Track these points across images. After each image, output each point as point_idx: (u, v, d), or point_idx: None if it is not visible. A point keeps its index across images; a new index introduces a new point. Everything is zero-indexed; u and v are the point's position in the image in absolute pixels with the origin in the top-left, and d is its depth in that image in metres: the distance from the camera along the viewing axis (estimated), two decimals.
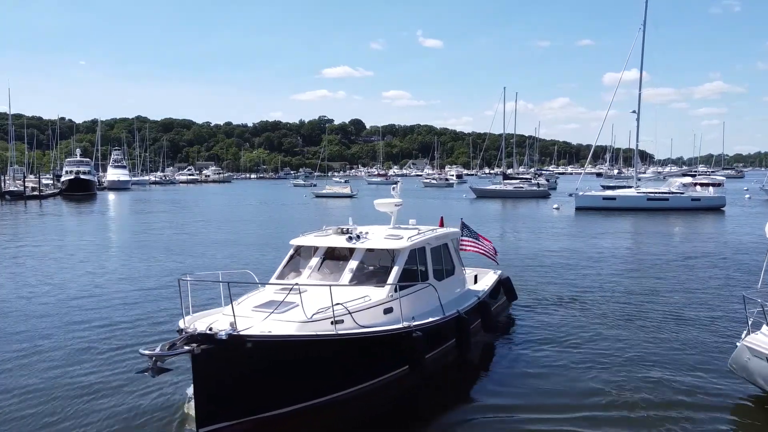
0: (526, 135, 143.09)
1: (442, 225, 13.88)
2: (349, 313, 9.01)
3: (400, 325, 9.37)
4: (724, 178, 77.41)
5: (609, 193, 53.80)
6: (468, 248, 14.60)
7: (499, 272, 15.05)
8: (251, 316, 8.66)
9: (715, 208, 49.05)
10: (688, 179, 54.92)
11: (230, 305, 8.10)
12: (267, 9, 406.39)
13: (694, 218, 42.81)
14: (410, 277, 10.77)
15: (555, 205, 52.42)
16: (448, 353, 11.06)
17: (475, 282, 14.18)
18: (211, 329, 7.65)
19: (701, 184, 54.38)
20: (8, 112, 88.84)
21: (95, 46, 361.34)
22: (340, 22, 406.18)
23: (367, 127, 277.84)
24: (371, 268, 10.87)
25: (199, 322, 8.51)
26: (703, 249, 26.21)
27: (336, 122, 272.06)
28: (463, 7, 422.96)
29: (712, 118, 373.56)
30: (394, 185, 13.56)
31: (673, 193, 50.25)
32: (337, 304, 8.93)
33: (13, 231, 35.82)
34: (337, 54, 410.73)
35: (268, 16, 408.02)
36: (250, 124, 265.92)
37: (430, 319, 10.16)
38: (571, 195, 52.84)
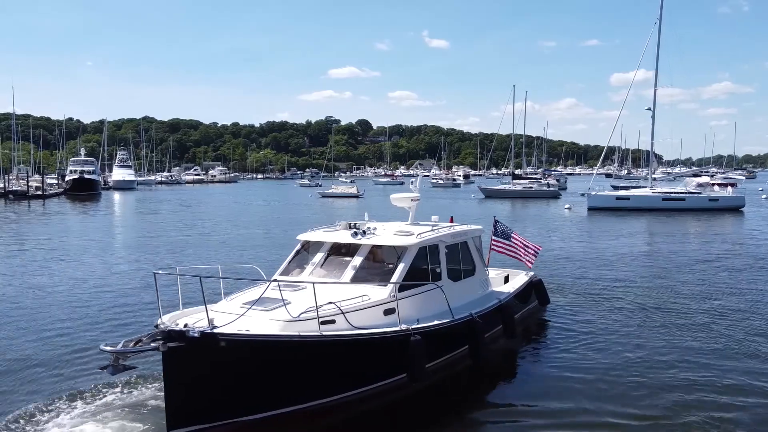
0: (534, 135, 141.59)
1: None
2: (342, 313, 8.26)
3: (395, 328, 8.50)
4: (743, 178, 75.83)
5: (623, 193, 52.53)
6: (499, 249, 13.60)
7: (530, 274, 14.03)
8: (239, 312, 7.96)
9: (733, 209, 47.64)
10: (705, 179, 53.49)
11: (204, 301, 7.39)
12: (273, 10, 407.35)
13: (713, 219, 41.41)
14: (420, 277, 9.88)
15: (567, 205, 51.38)
16: (459, 361, 9.98)
17: (505, 283, 13.22)
18: (186, 325, 7.04)
19: (719, 184, 52.82)
20: (12, 112, 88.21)
21: (102, 47, 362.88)
22: (346, 22, 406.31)
23: (374, 127, 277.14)
24: (376, 265, 10.08)
25: (183, 319, 7.95)
26: (738, 251, 24.87)
27: (343, 123, 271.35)
28: (469, 7, 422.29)
29: (721, 119, 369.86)
30: (414, 179, 12.53)
31: (690, 193, 48.89)
32: (330, 303, 8.25)
33: (10, 230, 34.97)
34: (343, 54, 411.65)
35: (274, 17, 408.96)
36: (257, 125, 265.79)
37: (435, 323, 9.23)
38: (583, 195, 51.79)
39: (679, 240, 29.73)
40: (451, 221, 13.12)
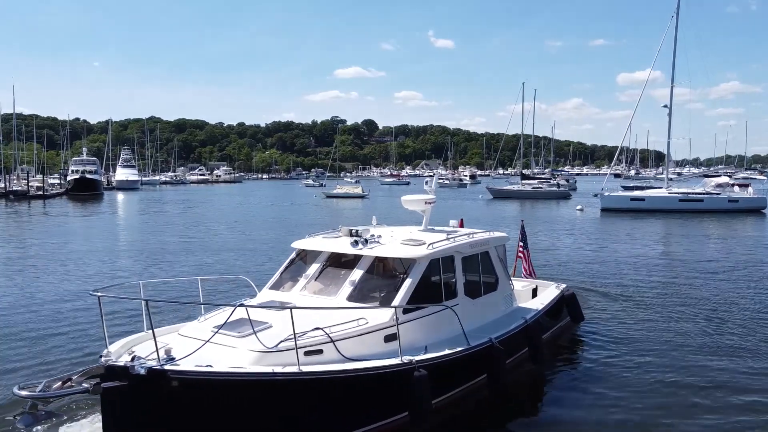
0: (541, 135, 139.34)
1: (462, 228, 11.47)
2: (332, 341, 6.85)
3: (395, 361, 7.04)
4: (766, 178, 73.67)
5: (638, 193, 50.81)
6: (524, 258, 12.21)
7: (562, 286, 12.40)
8: (207, 339, 6.55)
9: (754, 210, 45.83)
10: (724, 179, 51.58)
11: (152, 329, 6.16)
12: (279, 10, 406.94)
13: (734, 221, 39.58)
14: (431, 294, 8.36)
15: (578, 206, 49.77)
16: (475, 393, 8.47)
17: (534, 296, 11.69)
18: (134, 359, 5.74)
19: (740, 185, 50.87)
20: (13, 111, 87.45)
21: (108, 47, 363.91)
22: (352, 22, 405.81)
23: (380, 127, 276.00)
24: (379, 281, 8.59)
25: (140, 346, 6.64)
26: None
27: (348, 123, 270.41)
28: (474, 7, 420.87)
29: (729, 119, 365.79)
30: (428, 178, 10.95)
31: (708, 193, 47.07)
32: (317, 329, 6.87)
33: (3, 232, 33.74)
34: (349, 55, 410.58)
35: (280, 18, 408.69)
36: (262, 125, 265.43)
37: (445, 352, 7.73)
38: (596, 195, 50.17)
39: (709, 244, 27.86)
40: (461, 224, 11.76)
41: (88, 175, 79.19)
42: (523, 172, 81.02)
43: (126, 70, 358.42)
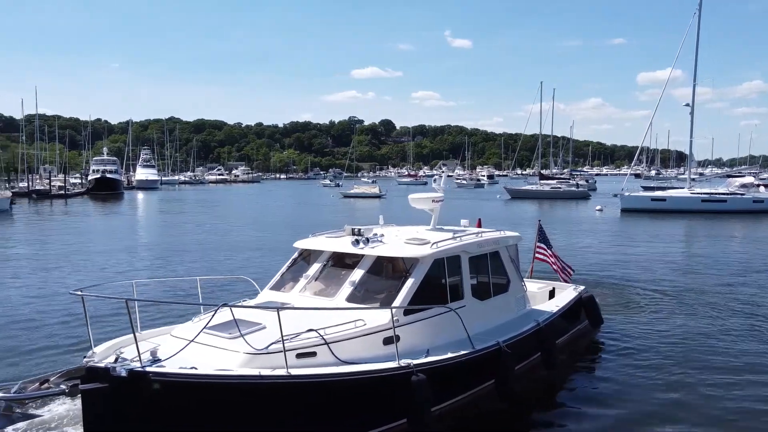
0: (559, 135, 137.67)
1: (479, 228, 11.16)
2: (326, 343, 6.60)
3: (392, 364, 6.74)
4: None
5: (659, 193, 49.77)
6: (543, 258, 11.77)
7: (580, 288, 11.91)
8: (198, 340, 6.39)
9: None
10: (749, 179, 50.22)
11: (134, 330, 6.01)
12: (295, 11, 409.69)
13: (760, 222, 38.54)
14: (435, 295, 8.05)
15: (598, 207, 49.02)
16: (480, 400, 8.10)
17: (550, 298, 11.30)
18: (117, 360, 5.72)
19: (766, 185, 49.41)
20: (35, 113, 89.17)
21: (127, 49, 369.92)
22: (368, 22, 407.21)
23: (397, 127, 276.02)
24: (381, 281, 8.30)
25: (128, 348, 6.47)
26: None
27: (366, 123, 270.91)
28: (491, 6, 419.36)
29: (752, 118, 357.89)
30: (437, 177, 10.63)
31: (732, 194, 45.84)
32: (311, 330, 6.62)
33: (15, 230, 34.18)
34: (366, 55, 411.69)
35: (297, 18, 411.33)
36: (280, 125, 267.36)
37: (448, 356, 7.39)
38: (616, 195, 49.35)
39: (735, 246, 26.99)
40: (479, 224, 11.44)
41: (108, 175, 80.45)
42: (542, 172, 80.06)
43: (145, 72, 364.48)
